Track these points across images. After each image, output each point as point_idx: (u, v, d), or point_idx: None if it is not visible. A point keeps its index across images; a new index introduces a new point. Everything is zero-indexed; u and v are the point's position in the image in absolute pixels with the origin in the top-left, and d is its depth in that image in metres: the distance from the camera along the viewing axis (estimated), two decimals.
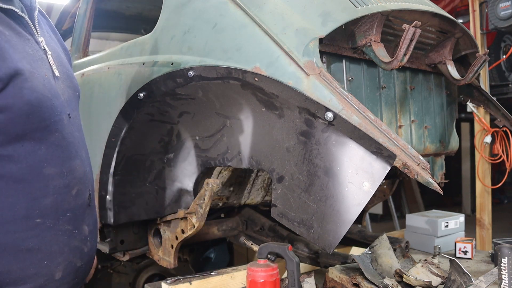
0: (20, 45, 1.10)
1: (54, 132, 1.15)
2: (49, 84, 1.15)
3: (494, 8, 3.33)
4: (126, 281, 2.77)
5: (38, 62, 1.14)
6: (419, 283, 1.47)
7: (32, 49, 1.14)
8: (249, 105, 1.44)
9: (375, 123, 1.17)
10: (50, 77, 1.17)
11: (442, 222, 2.19)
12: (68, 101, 1.24)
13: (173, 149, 1.77)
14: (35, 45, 1.17)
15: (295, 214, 1.34)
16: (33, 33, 1.18)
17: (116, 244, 1.96)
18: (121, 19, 3.19)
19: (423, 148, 1.81)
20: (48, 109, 1.12)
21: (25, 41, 1.13)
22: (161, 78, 1.62)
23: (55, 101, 1.16)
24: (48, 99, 1.13)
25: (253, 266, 1.42)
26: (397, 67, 1.34)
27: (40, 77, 1.12)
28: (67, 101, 1.23)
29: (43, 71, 1.15)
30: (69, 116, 1.22)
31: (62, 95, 1.21)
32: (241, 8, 1.42)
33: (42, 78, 1.12)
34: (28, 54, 1.12)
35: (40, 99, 1.10)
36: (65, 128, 1.19)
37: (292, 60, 1.27)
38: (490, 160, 3.45)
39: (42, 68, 1.15)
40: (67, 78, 1.28)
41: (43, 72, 1.14)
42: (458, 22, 1.72)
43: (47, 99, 1.12)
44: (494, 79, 3.91)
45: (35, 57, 1.14)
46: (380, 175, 1.18)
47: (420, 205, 7.04)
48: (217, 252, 3.04)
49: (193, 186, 1.77)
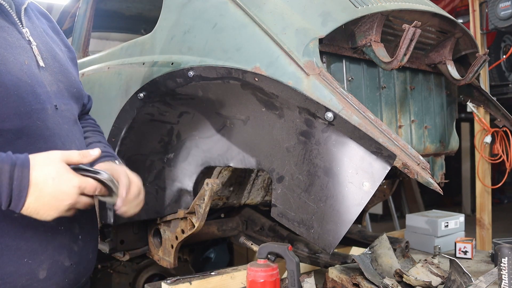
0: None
1: (35, 120, 1.12)
2: (29, 71, 1.13)
3: (494, 8, 3.33)
4: (126, 281, 2.77)
5: (17, 49, 1.14)
6: (419, 283, 1.47)
7: (10, 36, 1.14)
8: (249, 105, 1.44)
9: (375, 123, 1.17)
10: (33, 65, 1.16)
11: (442, 222, 2.19)
12: (56, 93, 1.21)
13: (173, 149, 1.77)
14: (16, 34, 1.17)
15: (295, 214, 1.34)
16: (15, 23, 1.18)
17: (116, 244, 1.96)
18: (121, 19, 3.20)
19: (423, 148, 1.81)
20: (28, 94, 1.11)
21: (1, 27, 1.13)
22: (161, 78, 1.62)
23: (38, 88, 1.14)
24: (28, 85, 1.11)
25: (253, 266, 1.42)
26: (397, 67, 1.34)
27: (17, 62, 1.11)
28: (54, 93, 1.20)
29: (22, 58, 1.14)
30: (56, 107, 1.19)
31: (48, 85, 1.19)
32: (241, 8, 1.42)
33: (19, 63, 1.11)
34: (5, 40, 1.12)
35: (17, 83, 1.08)
36: (49, 119, 1.16)
37: (292, 60, 1.27)
38: (490, 160, 3.45)
39: (21, 55, 1.14)
40: (58, 72, 1.26)
41: (22, 59, 1.13)
42: (458, 22, 1.72)
43: (26, 84, 1.11)
44: (494, 79, 3.91)
45: (13, 44, 1.13)
46: (380, 175, 1.18)
47: (420, 205, 7.04)
48: (217, 252, 3.04)
49: (193, 186, 1.77)
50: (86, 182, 1.02)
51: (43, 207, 0.98)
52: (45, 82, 1.18)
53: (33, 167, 0.97)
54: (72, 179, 1.00)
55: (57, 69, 1.26)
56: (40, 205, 0.98)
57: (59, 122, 1.19)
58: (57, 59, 1.28)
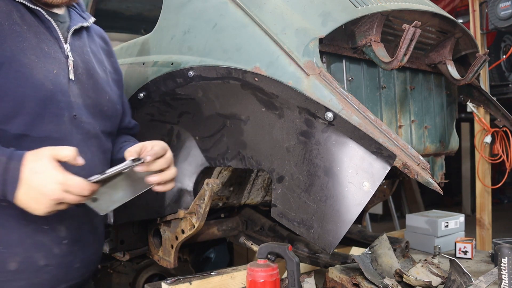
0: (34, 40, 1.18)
1: (48, 123, 1.17)
2: (55, 79, 1.19)
3: (494, 8, 3.33)
4: (126, 281, 2.76)
5: (51, 59, 1.21)
6: (419, 283, 1.47)
7: (48, 47, 1.21)
8: (249, 105, 1.44)
9: (375, 123, 1.17)
10: (61, 76, 1.22)
11: (442, 222, 2.19)
12: (80, 105, 1.27)
13: (173, 149, 1.75)
14: (55, 47, 1.24)
15: (295, 214, 1.34)
16: (58, 38, 1.25)
17: (116, 244, 1.96)
18: (121, 19, 3.19)
19: (423, 148, 1.81)
20: (47, 98, 1.16)
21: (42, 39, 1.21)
22: (161, 78, 1.62)
23: (59, 96, 1.19)
24: (49, 90, 1.17)
25: (253, 266, 1.42)
26: (397, 67, 1.34)
27: (45, 70, 1.17)
28: (78, 105, 1.26)
29: (52, 67, 1.20)
30: (75, 117, 1.24)
31: (73, 96, 1.24)
32: (241, 8, 1.42)
33: (46, 71, 1.18)
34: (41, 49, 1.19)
35: (38, 86, 1.14)
36: (62, 125, 1.20)
37: (292, 60, 1.27)
38: (490, 160, 3.45)
39: (53, 65, 1.20)
40: (90, 88, 1.31)
41: (51, 68, 1.19)
42: (458, 22, 1.72)
43: (47, 90, 1.16)
44: (494, 79, 3.91)
45: (48, 55, 1.20)
46: (380, 175, 1.18)
47: (420, 205, 7.04)
48: (217, 252, 3.03)
49: (193, 186, 1.77)
50: (72, 180, 1.03)
51: (31, 201, 1.02)
52: (70, 92, 1.23)
53: (25, 162, 1.02)
54: (56, 175, 1.02)
55: (89, 85, 1.31)
56: (28, 198, 1.02)
57: (73, 131, 1.24)
58: (94, 77, 1.34)
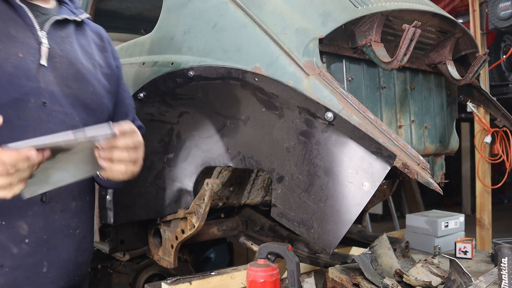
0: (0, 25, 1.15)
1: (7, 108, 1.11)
2: (18, 63, 1.14)
3: (494, 8, 3.33)
4: (126, 281, 2.77)
5: (17, 43, 1.16)
6: (419, 283, 1.47)
7: (17, 32, 1.18)
8: (249, 105, 1.44)
9: (375, 123, 1.17)
10: (29, 61, 1.17)
11: (442, 222, 2.19)
12: (54, 94, 1.20)
13: (173, 149, 1.77)
14: (26, 32, 1.19)
15: (295, 214, 1.34)
16: (31, 25, 1.21)
17: (116, 244, 1.96)
18: (121, 19, 3.19)
19: (423, 148, 1.81)
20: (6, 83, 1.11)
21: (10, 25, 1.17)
22: (161, 78, 1.62)
23: (23, 80, 1.14)
24: (9, 74, 1.12)
25: (253, 266, 1.42)
26: (397, 67, 1.34)
27: (7, 53, 1.13)
28: (51, 92, 1.19)
29: (17, 51, 1.16)
30: (44, 104, 1.18)
31: (43, 82, 1.18)
32: (241, 8, 1.42)
33: (9, 54, 1.14)
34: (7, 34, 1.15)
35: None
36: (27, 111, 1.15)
37: (292, 60, 1.27)
38: (490, 160, 3.45)
39: (19, 49, 1.16)
40: (70, 78, 1.26)
41: (16, 51, 1.15)
42: (458, 22, 1.72)
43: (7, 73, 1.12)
44: (494, 79, 3.91)
45: (14, 39, 1.16)
46: (380, 175, 1.18)
47: (420, 205, 7.04)
48: (217, 252, 3.03)
49: (193, 186, 1.77)
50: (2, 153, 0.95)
51: None
52: (40, 78, 1.18)
53: None
54: None
55: (69, 74, 1.26)
56: None
57: (42, 119, 1.17)
58: (76, 66, 1.28)
